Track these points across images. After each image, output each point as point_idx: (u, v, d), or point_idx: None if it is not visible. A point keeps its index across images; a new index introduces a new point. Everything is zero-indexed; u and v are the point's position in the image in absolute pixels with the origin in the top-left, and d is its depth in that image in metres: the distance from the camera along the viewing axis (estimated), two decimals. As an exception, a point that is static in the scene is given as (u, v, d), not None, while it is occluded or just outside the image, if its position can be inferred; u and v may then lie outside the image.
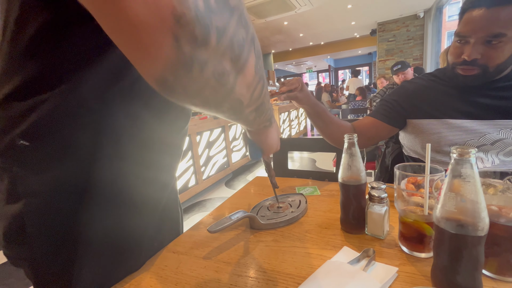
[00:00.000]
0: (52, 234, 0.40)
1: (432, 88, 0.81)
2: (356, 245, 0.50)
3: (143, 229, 0.53)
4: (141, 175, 0.47)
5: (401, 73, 2.46)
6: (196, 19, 0.17)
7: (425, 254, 0.44)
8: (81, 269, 0.44)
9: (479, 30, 0.64)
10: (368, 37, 6.79)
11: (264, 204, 0.70)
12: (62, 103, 0.35)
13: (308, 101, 0.78)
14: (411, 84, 0.86)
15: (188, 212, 2.46)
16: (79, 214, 0.41)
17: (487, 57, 0.66)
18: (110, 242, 0.46)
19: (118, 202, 0.45)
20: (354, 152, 0.52)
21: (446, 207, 0.34)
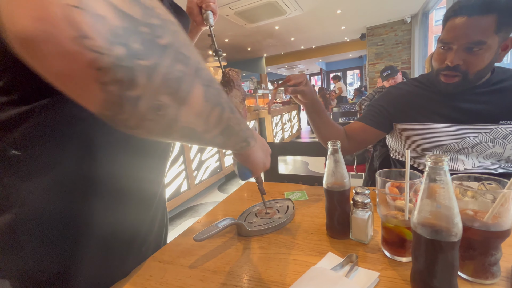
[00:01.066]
0: (46, 239, 0.40)
1: (415, 94, 0.84)
2: (340, 251, 0.51)
3: (134, 233, 0.53)
4: (131, 179, 0.48)
5: (391, 79, 2.52)
6: (116, 65, 0.18)
7: (406, 258, 0.45)
8: (76, 275, 0.43)
9: (461, 37, 0.67)
10: (358, 41, 6.92)
11: (252, 210, 0.70)
12: (53, 112, 0.36)
13: (312, 97, 0.79)
14: (396, 90, 0.89)
15: (181, 217, 2.43)
16: (72, 218, 0.41)
17: (468, 64, 0.68)
18: (103, 245, 0.46)
19: (111, 204, 0.46)
20: (338, 158, 0.53)
21: (422, 213, 0.36)
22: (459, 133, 0.76)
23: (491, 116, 0.73)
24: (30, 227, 0.39)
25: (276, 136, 4.77)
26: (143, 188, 0.53)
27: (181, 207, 2.63)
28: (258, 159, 0.46)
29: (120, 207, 0.48)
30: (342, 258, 0.47)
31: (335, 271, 0.43)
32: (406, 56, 5.24)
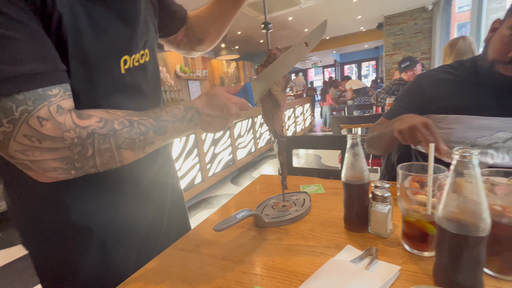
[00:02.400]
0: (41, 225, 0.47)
1: (445, 82, 0.79)
2: (359, 244, 0.50)
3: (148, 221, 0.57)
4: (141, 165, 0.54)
5: (409, 71, 2.37)
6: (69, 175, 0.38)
7: (428, 253, 0.44)
8: (84, 261, 0.47)
9: None
10: (375, 31, 6.67)
11: (268, 203, 0.71)
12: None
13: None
14: (424, 79, 0.83)
15: (195, 209, 2.49)
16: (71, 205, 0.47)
17: None
18: (114, 233, 0.51)
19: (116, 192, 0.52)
20: (358, 151, 0.53)
21: (448, 207, 0.35)
22: (491, 127, 0.71)
23: None
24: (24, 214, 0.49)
25: (288, 129, 4.74)
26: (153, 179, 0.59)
27: (195, 199, 2.69)
28: (207, 130, 0.50)
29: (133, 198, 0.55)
30: (361, 251, 0.47)
31: (354, 263, 0.43)
32: (426, 46, 5.00)
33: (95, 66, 0.41)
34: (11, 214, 0.49)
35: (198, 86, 4.63)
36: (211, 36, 0.68)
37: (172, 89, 3.92)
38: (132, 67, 0.48)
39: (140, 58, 0.50)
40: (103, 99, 0.44)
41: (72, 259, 0.48)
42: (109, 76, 0.44)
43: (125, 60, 0.46)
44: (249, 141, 3.70)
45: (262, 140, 4.22)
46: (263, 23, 0.57)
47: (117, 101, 0.46)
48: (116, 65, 0.45)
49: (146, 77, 0.53)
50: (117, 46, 0.44)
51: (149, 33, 0.54)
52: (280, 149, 0.62)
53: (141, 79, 0.51)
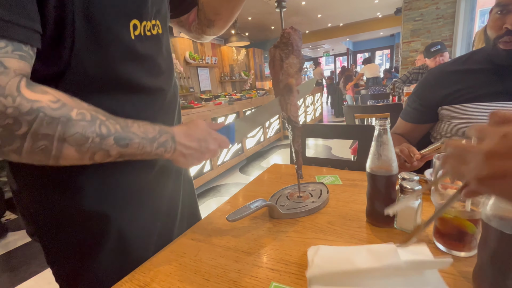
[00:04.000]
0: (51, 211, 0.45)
1: (456, 73, 0.77)
2: (384, 240, 0.47)
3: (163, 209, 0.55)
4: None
5: (439, 56, 2.14)
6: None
7: (465, 253, 0.40)
8: (101, 252, 0.45)
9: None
10: (392, 17, 6.34)
11: (283, 193, 0.67)
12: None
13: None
14: (432, 75, 0.82)
15: (204, 196, 2.50)
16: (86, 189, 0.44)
17: None
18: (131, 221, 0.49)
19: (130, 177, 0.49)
20: (386, 140, 0.48)
21: (499, 203, 0.30)
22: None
23: None
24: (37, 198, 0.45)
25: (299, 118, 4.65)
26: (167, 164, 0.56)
27: (204, 187, 2.70)
28: (179, 163, 0.46)
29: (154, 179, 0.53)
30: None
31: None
32: (447, 33, 4.71)
33: (102, 26, 0.38)
34: (17, 201, 0.47)
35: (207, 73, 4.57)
36: (223, 18, 0.64)
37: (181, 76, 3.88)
38: (143, 35, 0.44)
39: (152, 28, 0.46)
40: (114, 63, 0.41)
41: (88, 249, 0.46)
42: (118, 40, 0.40)
43: (135, 25, 0.42)
44: (258, 130, 3.65)
45: (271, 129, 4.16)
46: (276, 1, 0.51)
47: (131, 70, 0.43)
48: (125, 29, 0.41)
49: (161, 51, 0.50)
50: (126, 7, 0.40)
51: (162, 3, 0.50)
52: (295, 136, 0.58)
53: (156, 52, 0.48)
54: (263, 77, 6.41)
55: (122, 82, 0.43)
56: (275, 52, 0.49)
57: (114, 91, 0.42)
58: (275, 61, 0.48)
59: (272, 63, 0.49)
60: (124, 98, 0.44)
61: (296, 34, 0.49)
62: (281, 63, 0.48)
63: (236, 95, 4.00)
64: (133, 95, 0.45)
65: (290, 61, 0.47)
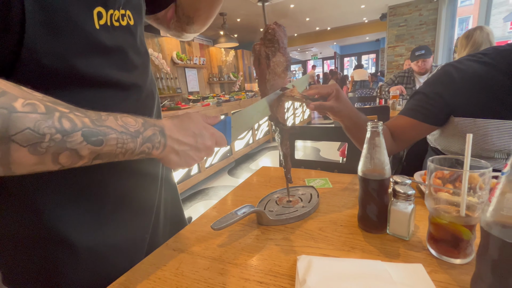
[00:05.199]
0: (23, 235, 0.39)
1: (485, 77, 0.65)
2: (377, 247, 0.44)
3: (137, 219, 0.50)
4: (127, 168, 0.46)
5: (422, 61, 2.22)
6: None
7: (461, 260, 0.39)
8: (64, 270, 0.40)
9: None
10: (378, 22, 6.51)
11: (272, 198, 0.64)
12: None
13: (348, 112, 0.59)
14: (458, 71, 0.68)
15: (191, 200, 2.44)
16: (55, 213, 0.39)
17: None
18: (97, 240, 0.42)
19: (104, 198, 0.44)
20: (378, 142, 0.46)
21: (501, 210, 0.28)
22: None
23: None
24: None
25: (287, 121, 4.66)
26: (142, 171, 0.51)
27: (191, 190, 2.63)
28: (170, 162, 0.39)
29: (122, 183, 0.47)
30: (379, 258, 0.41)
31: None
32: (430, 38, 4.89)
33: (59, 12, 0.32)
34: None
35: (195, 74, 4.49)
36: (202, 15, 0.60)
37: (168, 77, 3.79)
38: (110, 25, 0.39)
39: (121, 18, 0.41)
40: (76, 56, 0.35)
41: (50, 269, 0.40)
42: (79, 29, 0.35)
43: (99, 13, 0.37)
44: (247, 132, 3.62)
45: (260, 131, 4.14)
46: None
47: (97, 64, 0.38)
48: (88, 18, 0.36)
49: (134, 43, 0.45)
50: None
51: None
52: (282, 138, 0.55)
53: (127, 44, 0.43)
54: (252, 79, 6.40)
55: (87, 77, 0.37)
56: (260, 49, 0.45)
57: (78, 87, 0.37)
58: (261, 59, 0.45)
59: (258, 61, 0.46)
60: (91, 95, 0.38)
61: (281, 30, 0.46)
62: (268, 61, 0.45)
63: (224, 97, 3.95)
64: (102, 91, 0.40)
65: (277, 59, 0.45)
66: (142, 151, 0.35)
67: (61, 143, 0.28)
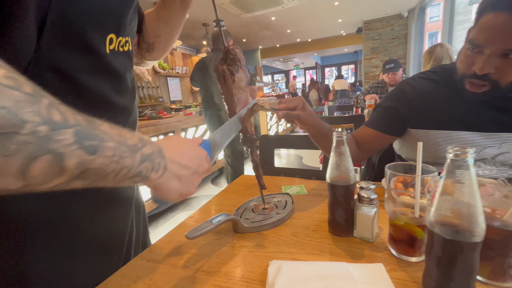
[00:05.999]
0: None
1: (434, 93, 0.71)
2: (344, 249, 0.47)
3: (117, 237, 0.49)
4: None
5: (392, 73, 2.41)
6: None
7: (416, 258, 0.42)
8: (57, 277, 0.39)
9: (497, 41, 0.55)
10: (354, 35, 6.87)
11: (248, 206, 0.66)
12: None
13: (313, 121, 0.64)
14: (411, 88, 0.75)
15: (173, 211, 2.39)
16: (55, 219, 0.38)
17: (501, 72, 0.57)
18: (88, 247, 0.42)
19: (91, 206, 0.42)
20: (343, 150, 0.49)
21: (440, 210, 0.32)
22: (479, 143, 0.66)
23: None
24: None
25: (270, 129, 4.73)
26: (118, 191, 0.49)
27: (173, 200, 2.58)
28: (170, 190, 0.33)
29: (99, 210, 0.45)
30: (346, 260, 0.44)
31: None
32: (401, 51, 5.23)
33: (78, 34, 0.34)
34: None
35: (178, 83, 4.47)
36: (162, 41, 0.62)
37: (150, 86, 3.74)
38: (116, 51, 0.41)
39: (124, 44, 0.44)
40: (82, 76, 0.37)
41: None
42: (92, 51, 0.37)
43: (111, 39, 0.39)
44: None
45: (244, 140, 4.16)
46: (214, 21, 0.52)
47: (100, 86, 0.39)
48: (102, 42, 0.38)
49: (130, 68, 0.47)
50: (108, 20, 0.38)
51: (135, 21, 0.49)
52: (253, 148, 0.58)
53: (125, 68, 0.45)
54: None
55: (87, 96, 0.38)
56: (223, 68, 0.49)
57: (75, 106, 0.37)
58: (225, 76, 0.49)
59: (223, 78, 0.49)
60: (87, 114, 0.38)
61: (240, 50, 0.52)
62: (233, 77, 0.49)
63: (207, 106, 3.95)
64: (98, 112, 0.39)
65: (239, 75, 0.49)
66: (139, 173, 0.28)
67: (44, 141, 0.20)
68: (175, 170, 0.33)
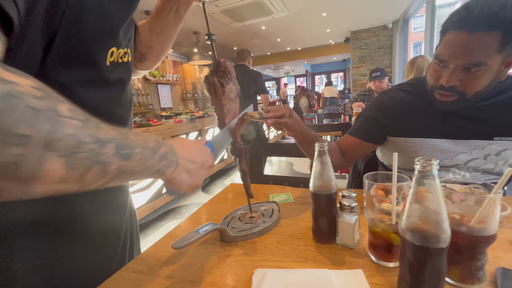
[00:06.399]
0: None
1: (409, 104, 0.77)
2: (327, 256, 0.49)
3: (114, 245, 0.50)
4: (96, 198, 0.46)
5: (378, 81, 2.51)
6: None
7: (393, 263, 0.44)
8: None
9: (459, 56, 0.59)
10: (343, 45, 7.07)
11: (235, 214, 0.67)
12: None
13: (299, 129, 0.68)
14: (389, 99, 0.81)
15: (162, 220, 2.35)
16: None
17: (465, 84, 0.62)
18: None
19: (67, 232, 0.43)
20: (325, 160, 0.52)
21: (410, 218, 0.34)
22: (452, 150, 0.72)
23: (486, 132, 0.68)
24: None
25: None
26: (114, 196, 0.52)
27: (162, 209, 2.54)
28: (181, 182, 0.39)
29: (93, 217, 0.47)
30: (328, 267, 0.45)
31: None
32: (387, 61, 5.42)
33: (82, 45, 0.35)
34: None
35: (168, 90, 4.47)
36: (154, 52, 0.63)
37: (140, 93, 3.72)
38: (116, 62, 0.43)
39: (124, 55, 0.45)
40: (81, 88, 0.38)
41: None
42: (93, 65, 0.38)
43: (112, 52, 0.41)
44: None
45: (235, 147, 4.16)
46: (206, 34, 0.55)
47: (99, 97, 0.41)
48: (103, 55, 0.39)
49: (130, 79, 0.49)
50: (111, 33, 0.39)
51: (132, 32, 0.50)
52: (241, 157, 0.59)
53: (125, 79, 0.46)
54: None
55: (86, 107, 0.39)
56: (214, 79, 0.51)
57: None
58: (216, 87, 0.50)
59: (213, 89, 0.51)
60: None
61: (230, 63, 0.54)
62: (223, 89, 0.51)
63: (198, 113, 3.96)
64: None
65: (230, 87, 0.51)
66: (158, 170, 0.34)
67: (95, 155, 0.25)
68: (185, 165, 0.38)
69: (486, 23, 0.55)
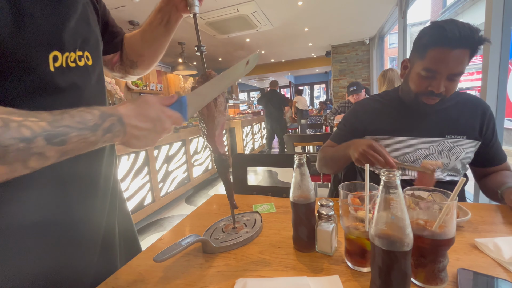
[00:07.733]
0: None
1: (378, 110, 0.95)
2: (306, 264, 0.51)
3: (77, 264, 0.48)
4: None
5: (355, 95, 2.72)
6: None
7: (367, 268, 0.47)
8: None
9: (446, 68, 0.73)
10: (324, 58, 7.38)
11: (218, 225, 0.68)
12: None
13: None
14: (361, 107, 0.99)
15: (144, 232, 2.27)
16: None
17: (447, 89, 0.76)
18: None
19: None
20: (304, 171, 0.54)
21: (378, 225, 0.37)
22: (414, 145, 0.86)
23: (440, 131, 0.84)
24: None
25: (246, 146, 4.78)
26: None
27: (144, 221, 2.46)
28: (133, 146, 0.42)
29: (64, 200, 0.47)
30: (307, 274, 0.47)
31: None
32: (365, 74, 5.71)
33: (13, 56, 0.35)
34: None
35: (152, 100, 4.42)
36: (146, 60, 0.65)
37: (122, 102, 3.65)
38: (65, 67, 0.42)
39: (78, 59, 0.45)
40: (23, 97, 0.37)
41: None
42: (32, 72, 0.38)
43: (55, 57, 0.40)
44: (206, 157, 3.60)
45: (220, 157, 4.14)
46: (196, 46, 0.56)
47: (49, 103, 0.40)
48: (43, 61, 0.39)
49: (89, 83, 0.48)
50: (45, 38, 0.39)
51: (91, 34, 0.49)
52: (225, 169, 0.61)
53: (83, 84, 0.46)
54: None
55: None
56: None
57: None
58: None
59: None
60: None
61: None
62: (215, 102, 0.52)
63: (182, 123, 3.92)
64: None
65: (219, 99, 0.53)
66: (105, 141, 0.37)
67: (26, 150, 0.29)
68: (133, 132, 0.40)
69: (463, 42, 0.70)
